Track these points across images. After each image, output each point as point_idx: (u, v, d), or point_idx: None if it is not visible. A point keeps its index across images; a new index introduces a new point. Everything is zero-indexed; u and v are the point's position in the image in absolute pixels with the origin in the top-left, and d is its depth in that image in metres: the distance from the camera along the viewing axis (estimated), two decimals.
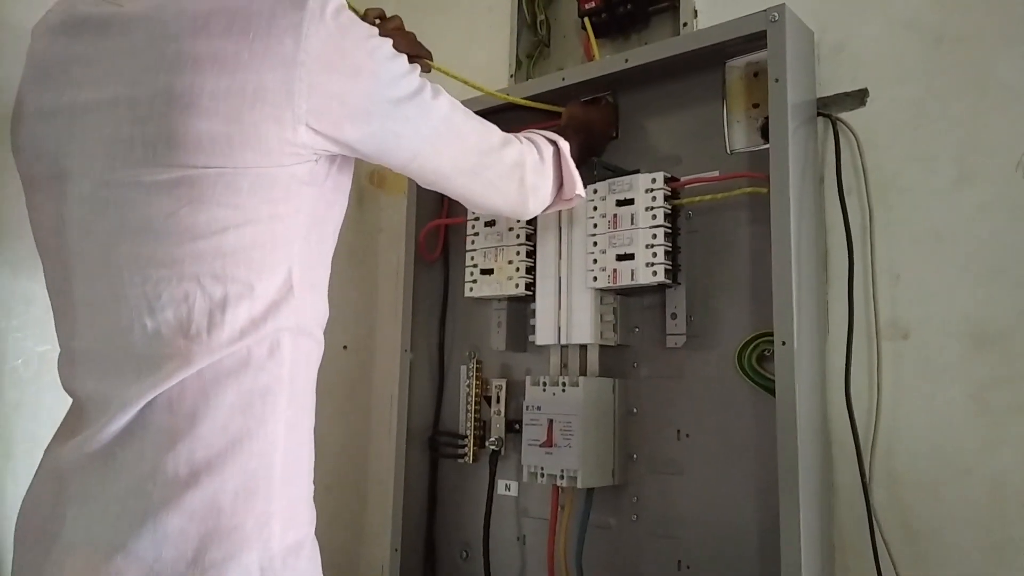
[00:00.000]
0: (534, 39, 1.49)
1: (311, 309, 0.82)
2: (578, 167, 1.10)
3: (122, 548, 0.69)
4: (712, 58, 1.19)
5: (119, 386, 0.74)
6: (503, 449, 1.34)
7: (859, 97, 1.12)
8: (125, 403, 0.73)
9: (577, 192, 1.09)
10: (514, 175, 1.00)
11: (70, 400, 0.82)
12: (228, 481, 0.72)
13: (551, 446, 1.19)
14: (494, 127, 0.99)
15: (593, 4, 1.34)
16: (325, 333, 0.87)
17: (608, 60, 1.26)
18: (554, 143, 1.07)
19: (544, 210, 1.09)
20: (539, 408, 1.22)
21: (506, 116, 1.39)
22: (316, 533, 0.81)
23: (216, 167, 0.72)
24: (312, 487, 0.82)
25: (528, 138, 1.05)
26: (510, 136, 1.01)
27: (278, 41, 0.72)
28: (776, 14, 1.07)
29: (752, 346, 1.10)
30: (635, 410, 1.23)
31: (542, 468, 1.19)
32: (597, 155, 1.27)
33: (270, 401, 0.75)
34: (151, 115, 0.73)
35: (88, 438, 0.74)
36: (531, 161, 1.02)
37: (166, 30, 0.73)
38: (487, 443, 1.35)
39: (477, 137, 0.95)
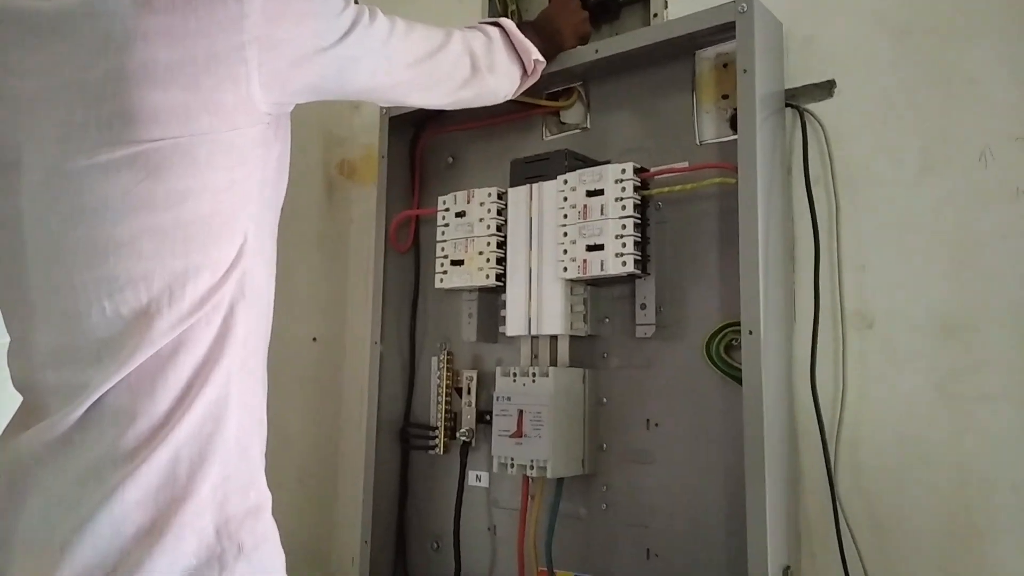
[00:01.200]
0: None
1: (260, 277, 0.83)
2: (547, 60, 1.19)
3: (79, 529, 0.69)
4: (682, 49, 1.19)
5: (78, 373, 0.74)
6: (474, 440, 1.34)
7: (827, 88, 1.12)
8: (86, 390, 0.72)
9: (535, 58, 1.14)
10: (464, 62, 1.05)
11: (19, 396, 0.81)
12: (183, 449, 0.73)
13: (521, 436, 1.19)
14: (434, 27, 1.03)
15: None
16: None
17: (578, 51, 1.26)
18: (496, 24, 1.13)
19: (518, 89, 1.17)
20: (509, 399, 1.22)
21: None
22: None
23: (172, 138, 0.73)
24: (263, 459, 0.84)
25: (471, 27, 1.11)
26: (451, 29, 1.06)
27: (222, 4, 0.74)
28: (744, 5, 1.08)
29: (720, 336, 1.11)
30: (605, 400, 1.24)
31: (512, 459, 1.19)
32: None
33: (224, 366, 0.76)
34: (104, 95, 0.72)
35: (45, 428, 0.73)
36: (479, 44, 1.07)
37: (108, 11, 0.73)
38: (458, 434, 1.34)
39: (424, 42, 0.99)
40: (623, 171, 1.15)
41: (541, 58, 1.16)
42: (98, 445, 0.72)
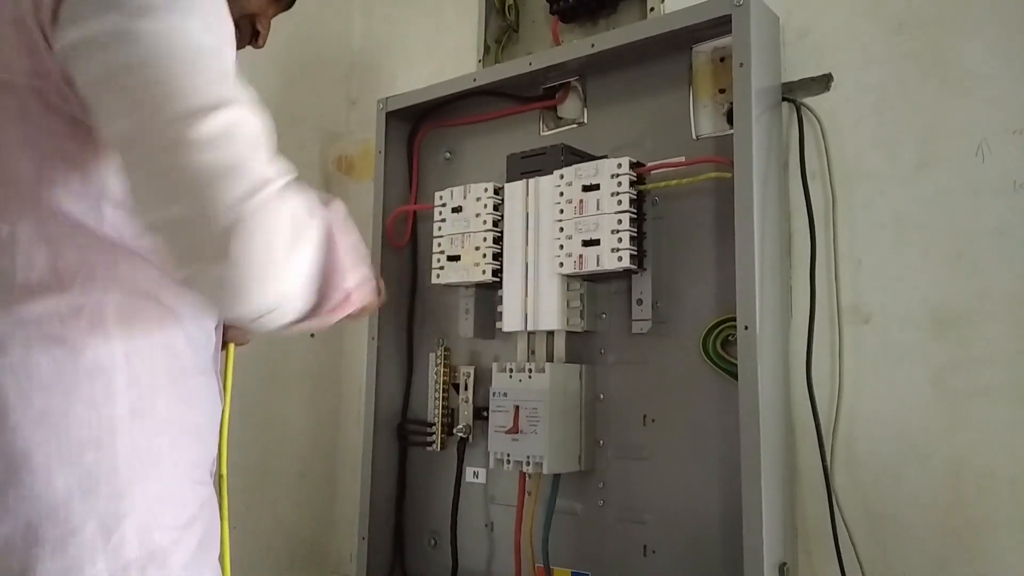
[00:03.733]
0: (502, 24, 1.48)
1: (146, 266, 0.68)
2: None
3: None
4: (679, 43, 1.19)
5: None
6: (471, 436, 1.33)
7: (823, 82, 1.12)
8: None
9: (347, 286, 0.68)
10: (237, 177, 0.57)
11: None
12: (57, 477, 0.60)
13: (517, 432, 1.19)
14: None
15: None
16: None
17: (574, 45, 1.26)
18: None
19: (299, 319, 0.64)
20: (505, 395, 1.22)
21: (478, 100, 1.39)
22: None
23: None
24: (199, 483, 0.72)
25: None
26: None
27: None
28: None
29: (716, 331, 1.10)
30: (602, 396, 1.23)
31: (508, 454, 1.19)
32: None
33: (101, 381, 0.63)
34: None
35: None
36: (288, 191, 0.61)
37: None
38: (455, 430, 1.34)
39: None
40: (619, 166, 1.15)
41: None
42: None
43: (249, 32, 0.98)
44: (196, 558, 0.68)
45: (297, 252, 0.59)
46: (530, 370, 1.20)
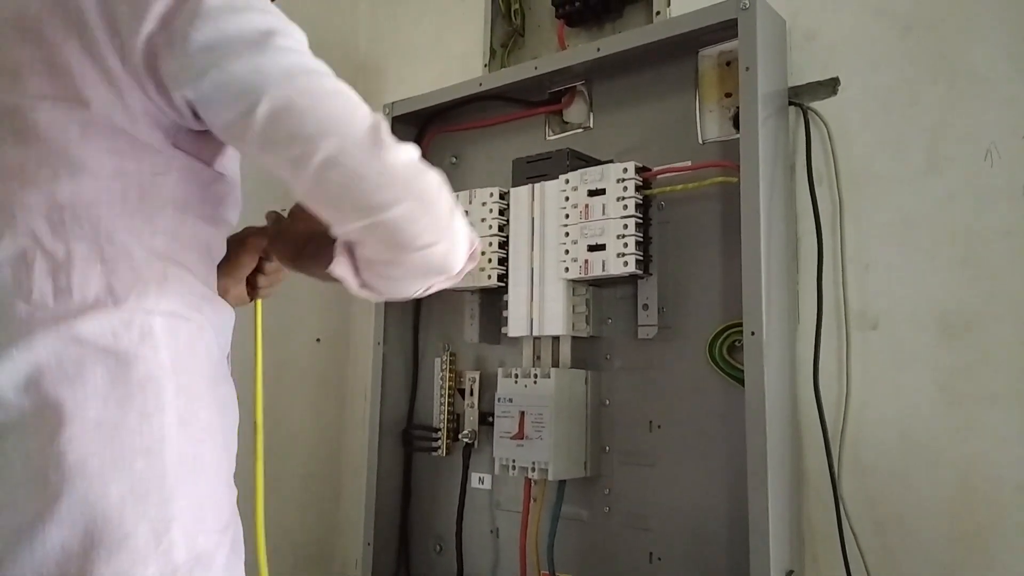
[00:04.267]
0: (508, 28, 1.48)
1: (185, 282, 0.72)
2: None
3: None
4: (685, 47, 1.18)
5: None
6: (476, 442, 1.33)
7: (830, 86, 1.11)
8: None
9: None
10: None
11: None
12: (111, 484, 0.62)
13: (523, 438, 1.18)
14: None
15: None
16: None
17: (580, 49, 1.25)
18: None
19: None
20: (511, 400, 1.21)
21: (484, 105, 1.39)
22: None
23: None
24: (231, 487, 0.75)
25: None
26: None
27: None
28: (747, 2, 1.07)
29: (723, 337, 1.10)
30: (607, 402, 1.23)
31: (514, 460, 1.19)
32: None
33: (152, 391, 0.66)
34: None
35: None
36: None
37: None
38: (460, 436, 1.34)
39: None
40: (625, 170, 1.14)
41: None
42: (5, 471, 0.63)
43: None
44: (231, 560, 0.71)
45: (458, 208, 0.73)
46: (535, 375, 1.20)
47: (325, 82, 0.67)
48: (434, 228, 0.69)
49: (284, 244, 0.86)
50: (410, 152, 0.68)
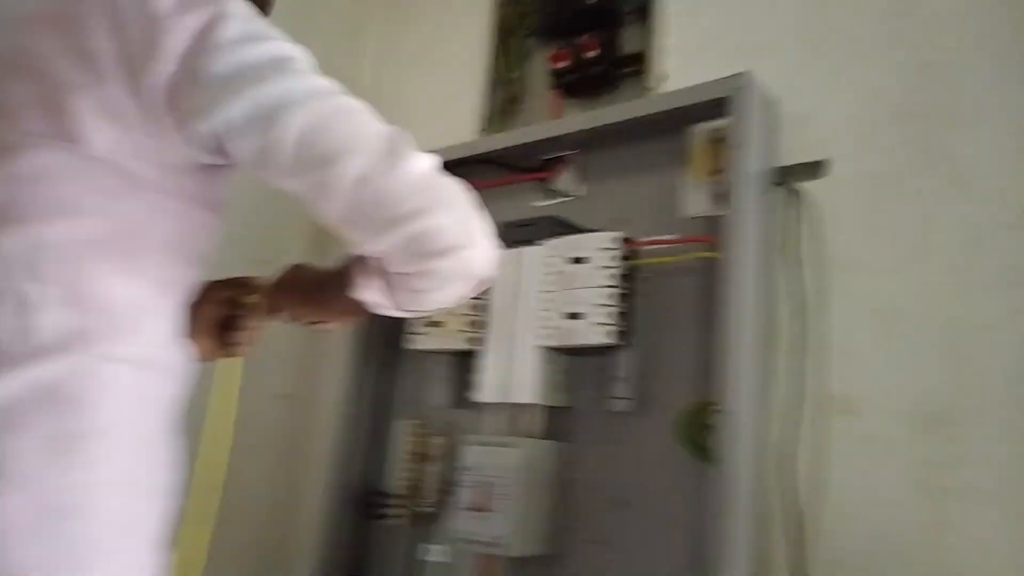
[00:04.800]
0: (506, 96, 1.48)
1: (157, 333, 0.70)
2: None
3: None
4: (676, 122, 1.18)
5: None
6: (438, 511, 1.26)
7: (819, 168, 1.09)
8: None
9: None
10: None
11: None
12: (32, 547, 0.59)
13: (483, 511, 1.12)
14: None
15: (564, 64, 1.34)
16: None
17: (573, 119, 1.25)
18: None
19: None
20: (474, 470, 1.16)
21: (478, 168, 1.38)
22: None
23: None
24: (159, 551, 0.70)
25: None
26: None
27: None
28: (741, 81, 1.06)
29: (693, 415, 1.05)
30: (574, 475, 1.17)
31: (471, 535, 1.12)
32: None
33: (95, 445, 0.63)
34: None
35: None
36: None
37: None
38: (421, 505, 1.27)
39: None
40: (608, 240, 1.12)
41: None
42: None
43: None
44: None
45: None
46: (501, 445, 1.14)
47: (344, 101, 0.69)
48: (463, 230, 0.70)
49: (293, 289, 0.88)
50: (428, 160, 0.70)
